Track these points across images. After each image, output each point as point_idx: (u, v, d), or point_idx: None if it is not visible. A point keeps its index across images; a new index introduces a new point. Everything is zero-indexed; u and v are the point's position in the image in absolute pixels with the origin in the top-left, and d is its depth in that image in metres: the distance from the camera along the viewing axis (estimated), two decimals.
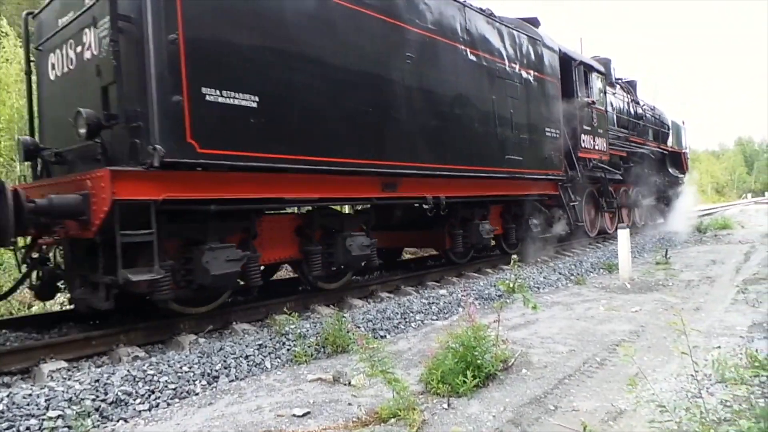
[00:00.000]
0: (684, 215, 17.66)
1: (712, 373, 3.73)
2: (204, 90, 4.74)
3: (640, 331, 5.37)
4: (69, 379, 3.99)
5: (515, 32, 9.39)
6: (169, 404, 3.94)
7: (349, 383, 4.14)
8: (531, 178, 9.65)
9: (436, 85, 7.41)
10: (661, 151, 18.23)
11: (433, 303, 6.80)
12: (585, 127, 11.70)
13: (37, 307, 8.40)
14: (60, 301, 8.78)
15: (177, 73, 4.56)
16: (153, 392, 3.99)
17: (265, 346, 4.95)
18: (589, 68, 12.35)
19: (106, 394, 3.81)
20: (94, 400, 3.73)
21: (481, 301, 7.26)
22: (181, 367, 4.33)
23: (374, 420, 3.38)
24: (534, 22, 10.87)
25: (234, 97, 4.98)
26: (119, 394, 3.83)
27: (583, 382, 3.97)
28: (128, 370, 4.12)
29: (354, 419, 3.44)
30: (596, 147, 12.24)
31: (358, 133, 6.26)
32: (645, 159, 16.24)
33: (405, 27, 6.93)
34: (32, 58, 6.23)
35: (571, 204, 11.09)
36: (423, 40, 7.19)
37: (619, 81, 15.74)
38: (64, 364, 4.48)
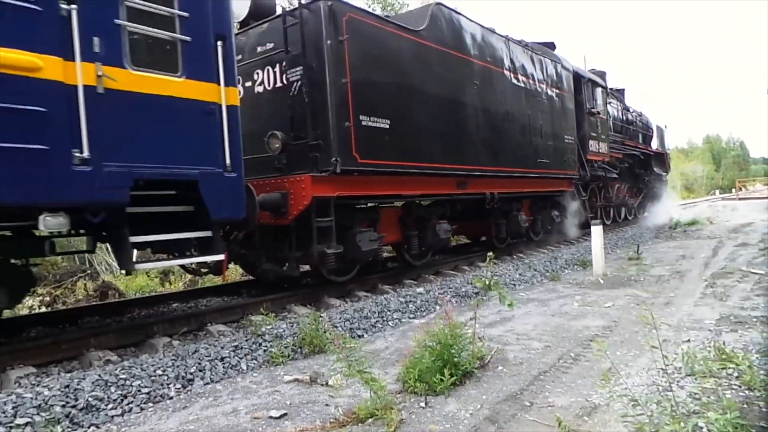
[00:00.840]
0: (667, 209, 19.70)
1: (682, 367, 3.83)
2: (361, 117, 6.64)
3: (613, 326, 5.47)
4: (38, 385, 3.88)
5: (542, 57, 11.39)
6: (142, 409, 3.87)
7: (327, 384, 4.13)
8: (554, 177, 11.74)
9: (491, 105, 9.40)
10: (648, 152, 20.32)
11: (410, 301, 6.82)
12: (592, 134, 13.84)
13: (6, 312, 8.16)
14: (29, 305, 8.55)
15: (346, 106, 6.47)
16: (126, 397, 3.91)
17: (241, 348, 4.89)
18: (594, 84, 14.42)
19: (76, 399, 3.72)
20: (64, 406, 3.63)
21: (458, 298, 7.31)
22: (154, 371, 4.25)
23: (352, 420, 3.38)
24: (551, 46, 13.00)
25: (376, 121, 6.88)
26: (90, 399, 3.74)
27: (558, 378, 4.03)
28: (99, 375, 4.02)
29: (331, 420, 3.43)
30: (600, 150, 14.40)
31: (444, 144, 8.16)
32: (635, 160, 18.52)
33: (472, 61, 8.93)
34: None
35: (582, 198, 13.35)
36: (483, 69, 9.19)
37: (612, 90, 17.46)
38: (33, 370, 4.37)
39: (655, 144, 22.09)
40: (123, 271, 7.43)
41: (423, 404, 3.58)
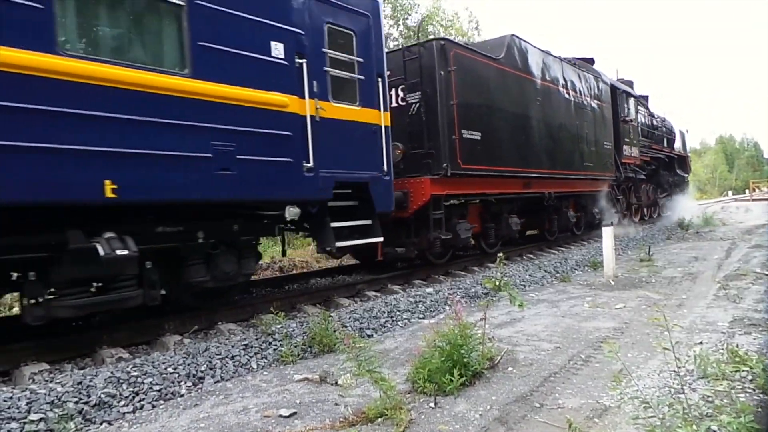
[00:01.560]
0: (689, 208, 20.78)
1: (694, 369, 3.79)
2: (462, 131, 8.41)
3: (624, 328, 5.43)
4: (51, 382, 3.94)
5: (586, 73, 13.26)
6: (153, 406, 3.90)
7: (336, 383, 4.14)
8: (596, 178, 13.49)
9: (550, 117, 11.15)
10: (671, 155, 21.84)
11: (419, 302, 6.81)
12: (625, 140, 15.51)
13: (18, 308, 8.26)
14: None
15: (453, 123, 8.26)
16: (137, 394, 3.95)
17: (251, 347, 4.92)
18: (627, 94, 16.17)
19: (89, 396, 3.76)
20: (76, 402, 3.68)
21: (468, 299, 7.29)
22: (165, 369, 4.28)
23: (361, 420, 3.38)
24: (591, 61, 14.81)
25: (472, 134, 8.64)
26: (102, 396, 3.79)
27: (568, 380, 4.00)
28: (112, 372, 4.07)
29: (341, 419, 3.44)
30: (632, 154, 16.04)
31: (516, 151, 9.96)
32: (661, 162, 19.98)
33: (536, 81, 10.73)
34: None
35: (617, 197, 15.10)
36: (544, 87, 10.97)
37: (638, 97, 18.48)
38: (46, 366, 4.41)
39: (677, 147, 23.41)
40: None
41: (432, 404, 3.58)
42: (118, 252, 4.42)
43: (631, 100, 16.28)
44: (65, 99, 4.05)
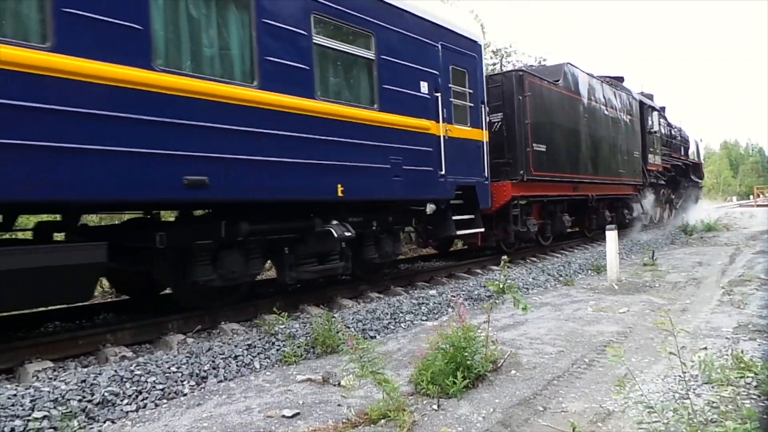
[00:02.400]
0: (703, 210, 23.13)
1: (698, 374, 3.78)
2: (534, 144, 10.30)
3: (627, 332, 5.42)
4: (55, 380, 3.94)
5: (620, 92, 15.30)
6: (157, 405, 3.91)
7: (339, 384, 4.13)
8: (628, 183, 15.55)
9: (593, 131, 13.17)
10: (687, 163, 23.69)
11: (422, 303, 6.81)
12: (650, 149, 17.50)
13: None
14: None
15: (527, 138, 10.18)
16: (140, 393, 3.95)
17: (255, 347, 4.92)
18: (652, 108, 18.34)
19: (92, 394, 3.77)
20: (80, 400, 3.68)
21: (471, 301, 7.29)
22: (169, 368, 4.29)
23: (364, 421, 3.38)
24: (621, 79, 16.85)
25: (540, 147, 10.52)
26: (106, 394, 3.79)
27: (571, 383, 3.99)
28: (115, 371, 4.07)
29: (344, 420, 3.43)
30: (655, 162, 18.06)
31: (568, 160, 11.90)
32: (678, 169, 21.80)
33: (584, 100, 12.82)
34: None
35: (642, 200, 16.96)
36: (589, 106, 13.07)
37: (659, 110, 20.24)
38: (50, 364, 4.42)
39: (692, 155, 25.18)
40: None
41: (435, 407, 3.58)
42: (346, 234, 6.41)
43: (655, 114, 18.45)
44: (321, 129, 6.01)
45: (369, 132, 6.58)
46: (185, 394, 4.11)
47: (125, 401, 3.83)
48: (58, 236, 5.84)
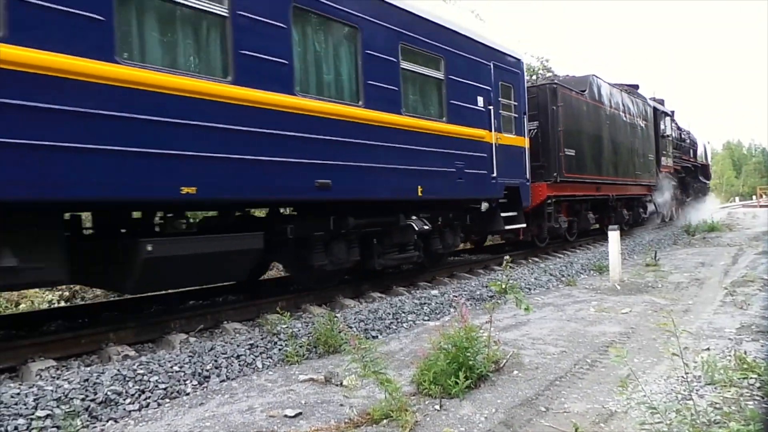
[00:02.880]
0: (709, 210, 23.96)
1: (701, 375, 3.77)
2: (565, 149, 11.48)
3: (630, 333, 5.41)
4: (58, 378, 3.95)
5: (636, 99, 16.63)
6: (159, 404, 3.91)
7: (341, 384, 4.14)
8: (643, 184, 16.86)
9: (614, 136, 14.53)
10: (695, 164, 24.98)
11: (425, 303, 6.81)
12: (663, 152, 18.75)
13: (25, 305, 8.31)
14: (48, 299, 8.70)
15: (559, 144, 11.40)
16: (143, 392, 3.96)
17: (257, 346, 4.93)
18: (665, 114, 19.61)
19: (95, 393, 3.77)
20: (83, 399, 3.69)
21: (473, 301, 7.28)
22: (171, 367, 4.30)
23: (366, 421, 3.38)
24: (636, 86, 18.13)
25: (570, 152, 11.73)
26: (109, 393, 3.80)
27: (574, 384, 3.99)
28: (118, 370, 4.08)
29: (346, 420, 3.43)
30: (667, 164, 19.31)
31: (593, 163, 13.23)
32: (687, 171, 23.05)
33: (606, 108, 14.17)
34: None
35: (656, 200, 18.40)
36: (610, 113, 14.43)
37: (670, 115, 21.28)
38: (53, 363, 4.44)
39: (700, 157, 26.56)
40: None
41: (437, 407, 3.58)
42: (424, 227, 7.67)
43: (667, 119, 19.79)
44: (406, 139, 7.10)
45: (440, 141, 7.72)
46: (188, 394, 4.11)
47: (128, 400, 3.84)
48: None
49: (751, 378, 3.64)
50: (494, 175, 8.78)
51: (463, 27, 8.48)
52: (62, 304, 8.53)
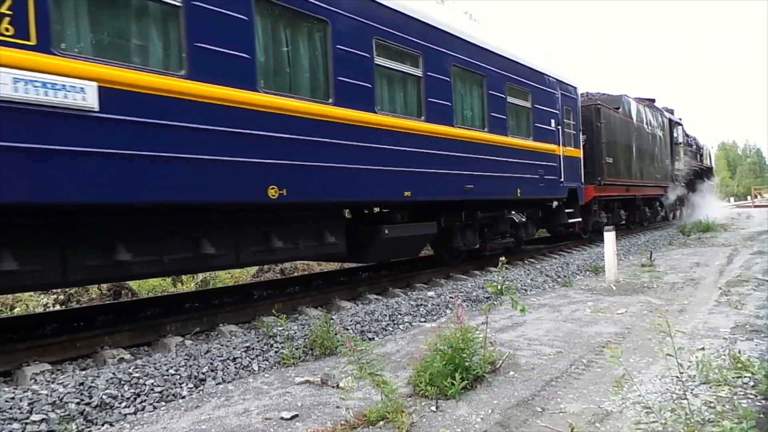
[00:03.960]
0: (715, 209, 26.38)
1: (696, 375, 3.79)
2: (606, 158, 14.05)
3: (625, 333, 5.43)
4: (53, 382, 3.94)
5: (655, 112, 19.18)
6: (155, 407, 3.90)
7: (338, 386, 4.13)
8: (659, 185, 19.31)
9: (639, 144, 16.90)
10: (701, 167, 27.48)
11: (421, 305, 6.81)
12: (675, 157, 21.39)
13: (20, 309, 8.28)
14: (43, 303, 8.67)
15: (602, 153, 13.96)
16: (139, 395, 3.95)
17: (253, 349, 4.92)
18: (678, 124, 22.32)
19: (90, 397, 3.76)
20: (78, 403, 3.68)
21: (469, 303, 7.29)
22: (167, 370, 4.28)
23: (362, 423, 3.38)
24: (653, 100, 20.33)
25: (609, 159, 14.22)
26: (104, 397, 3.79)
27: (570, 384, 4.00)
28: (113, 373, 4.07)
29: (342, 422, 3.43)
30: (679, 167, 21.80)
31: (625, 168, 15.51)
32: (695, 173, 25.38)
33: (633, 122, 16.67)
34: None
35: (671, 199, 20.99)
36: (637, 125, 16.94)
37: (681, 124, 23.69)
38: (48, 367, 4.42)
39: (705, 160, 29.00)
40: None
41: (434, 408, 3.58)
42: (522, 219, 10.32)
43: (679, 128, 22.44)
44: (511, 154, 9.40)
45: (530, 155, 10.07)
46: (183, 397, 4.10)
47: (123, 404, 3.83)
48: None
49: (745, 377, 3.66)
50: (561, 179, 11.19)
51: (542, 66, 10.93)
52: (57, 307, 8.50)
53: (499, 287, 4.63)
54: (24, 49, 3.69)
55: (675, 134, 21.46)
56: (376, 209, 8.10)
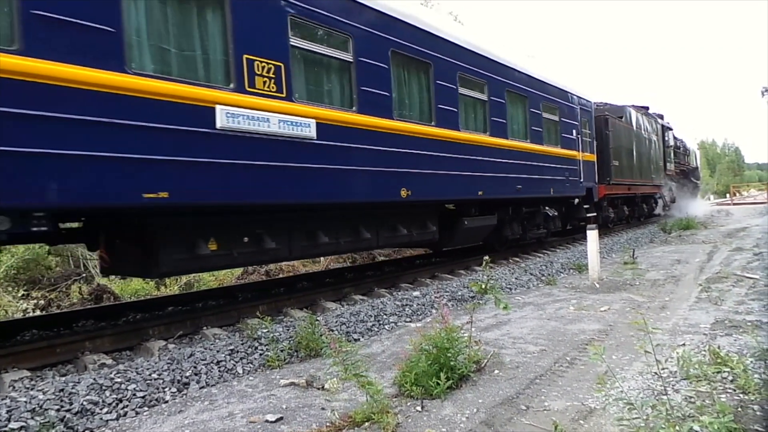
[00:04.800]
0: (700, 205, 29.07)
1: (677, 370, 3.84)
2: (613, 161, 16.10)
3: (608, 330, 5.49)
4: (32, 389, 3.86)
5: (650, 118, 21.27)
6: (137, 413, 3.85)
7: (323, 387, 4.12)
8: (654, 184, 21.28)
9: (638, 148, 18.75)
10: (689, 167, 30.15)
11: (406, 305, 6.81)
12: (667, 159, 23.66)
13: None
14: (23, 308, 8.51)
15: (610, 157, 15.99)
16: (121, 401, 3.89)
17: (237, 351, 4.88)
18: (669, 129, 24.66)
19: (71, 403, 3.70)
20: (58, 410, 3.61)
21: (454, 302, 7.31)
22: (150, 375, 4.23)
23: (348, 424, 3.37)
24: (647, 108, 22.04)
25: (615, 162, 16.25)
26: (85, 403, 3.73)
27: (554, 382, 4.03)
28: (94, 379, 4.00)
29: (328, 424, 3.42)
30: (670, 168, 24.34)
31: (627, 170, 17.40)
32: (683, 173, 28.15)
33: (633, 128, 18.61)
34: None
35: (664, 197, 23.26)
36: (636, 131, 18.87)
37: (671, 129, 25.96)
38: (27, 373, 4.34)
39: (691, 161, 31.44)
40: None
41: (419, 408, 3.58)
42: (555, 213, 12.54)
43: (670, 133, 24.75)
44: (545, 159, 11.41)
45: (559, 160, 12.19)
46: (167, 401, 4.06)
47: (105, 410, 3.77)
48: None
49: (724, 372, 3.72)
50: (581, 180, 13.28)
51: (566, 85, 13.12)
52: (37, 313, 8.35)
53: (483, 286, 4.66)
54: (279, 99, 5.62)
55: (666, 138, 23.71)
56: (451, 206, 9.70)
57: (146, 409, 3.92)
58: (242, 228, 5.84)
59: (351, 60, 6.57)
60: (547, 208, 12.35)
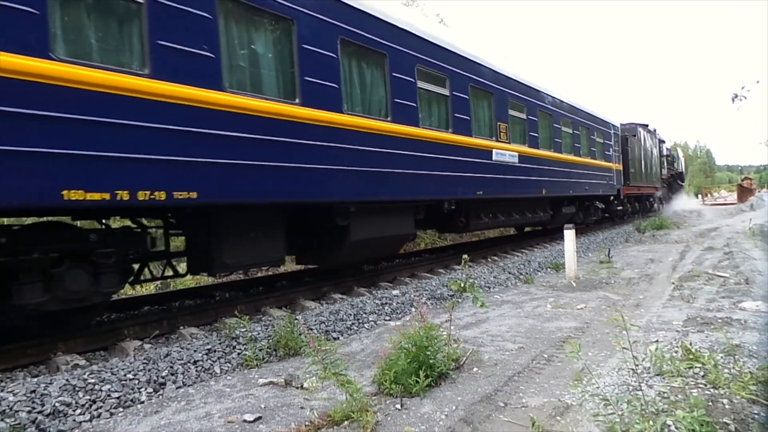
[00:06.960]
0: (685, 205, 32.21)
1: (651, 367, 3.92)
2: (630, 168, 21.58)
3: (585, 328, 5.57)
4: (2, 391, 3.76)
5: (651, 133, 25.89)
6: (112, 414, 3.78)
7: (302, 386, 4.10)
8: (654, 186, 26.24)
9: (644, 158, 24.05)
10: (676, 172, 35.02)
11: (386, 304, 6.82)
12: (662, 166, 28.88)
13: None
14: None
15: (629, 166, 21.43)
16: (94, 402, 3.81)
17: (215, 351, 4.83)
18: (663, 141, 29.70)
19: (42, 405, 3.61)
20: (29, 412, 3.53)
21: (434, 300, 7.34)
22: (125, 375, 4.16)
23: (327, 423, 3.36)
24: (648, 125, 26.00)
25: (632, 169, 21.99)
26: (57, 404, 3.64)
27: (531, 379, 4.08)
28: (67, 380, 3.92)
29: (307, 423, 3.40)
30: (664, 173, 29.52)
31: (638, 174, 23.04)
32: (672, 177, 33.27)
33: (641, 142, 23.65)
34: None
35: (660, 196, 28.48)
36: (644, 144, 24.29)
37: (664, 141, 31.18)
38: None
39: (677, 166, 36.00)
40: None
41: (399, 406, 3.59)
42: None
43: (664, 145, 29.99)
44: (588, 168, 16.30)
45: (603, 169, 17.33)
46: (142, 402, 3.99)
47: (78, 411, 3.69)
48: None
49: (696, 367, 3.81)
50: (614, 183, 18.51)
51: (605, 115, 18.29)
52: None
53: (462, 285, 4.68)
54: (499, 141, 10.29)
55: (661, 149, 29.37)
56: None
57: (121, 409, 3.85)
58: None
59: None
60: (597, 202, 17.76)
